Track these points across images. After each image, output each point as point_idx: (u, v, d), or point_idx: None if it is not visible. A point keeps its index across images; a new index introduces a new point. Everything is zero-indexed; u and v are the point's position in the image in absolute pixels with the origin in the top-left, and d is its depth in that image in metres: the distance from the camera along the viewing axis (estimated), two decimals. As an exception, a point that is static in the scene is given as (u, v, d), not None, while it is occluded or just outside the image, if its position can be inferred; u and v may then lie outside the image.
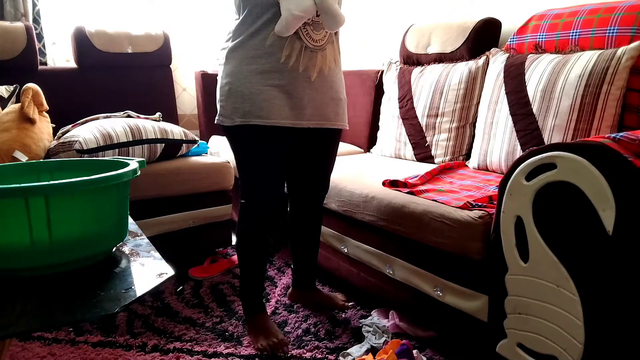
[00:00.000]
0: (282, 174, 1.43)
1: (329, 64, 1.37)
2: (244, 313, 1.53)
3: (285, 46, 1.28)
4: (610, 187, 0.85)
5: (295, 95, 1.33)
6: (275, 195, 1.43)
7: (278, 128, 1.33)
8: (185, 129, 2.23)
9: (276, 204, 1.44)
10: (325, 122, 1.42)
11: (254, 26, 1.29)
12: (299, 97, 1.33)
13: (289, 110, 1.33)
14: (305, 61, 1.31)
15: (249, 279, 1.49)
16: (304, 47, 1.30)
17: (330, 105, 1.41)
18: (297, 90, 1.33)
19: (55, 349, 1.42)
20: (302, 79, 1.32)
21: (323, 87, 1.37)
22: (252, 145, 1.35)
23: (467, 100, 1.86)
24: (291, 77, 1.31)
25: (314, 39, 1.30)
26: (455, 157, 1.89)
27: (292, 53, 1.29)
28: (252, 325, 1.49)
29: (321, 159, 1.54)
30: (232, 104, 1.32)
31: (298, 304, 1.72)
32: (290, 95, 1.32)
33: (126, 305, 0.67)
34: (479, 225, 1.18)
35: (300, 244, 1.67)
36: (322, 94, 1.38)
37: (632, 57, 1.37)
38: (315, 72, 1.34)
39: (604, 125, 1.39)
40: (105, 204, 0.80)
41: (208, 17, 3.01)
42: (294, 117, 1.34)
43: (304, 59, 1.31)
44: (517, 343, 1.06)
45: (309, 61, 1.32)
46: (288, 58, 1.29)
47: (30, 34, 2.23)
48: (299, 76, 1.32)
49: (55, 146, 1.77)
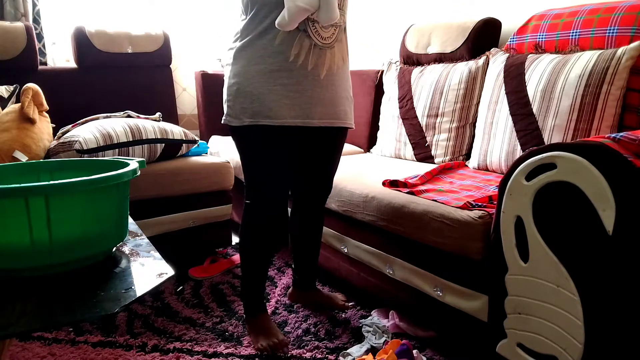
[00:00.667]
0: (291, 174, 1.43)
1: (338, 62, 1.36)
2: (244, 313, 1.53)
3: (295, 44, 1.27)
4: (610, 187, 0.85)
5: (305, 94, 1.32)
6: (283, 195, 1.43)
7: (287, 128, 1.32)
8: (185, 129, 2.23)
9: (283, 204, 1.44)
10: (335, 121, 1.41)
11: (262, 25, 1.28)
12: (308, 95, 1.32)
13: (299, 109, 1.32)
14: (314, 59, 1.30)
15: (251, 279, 1.49)
16: (313, 45, 1.29)
17: (339, 104, 1.40)
18: (306, 89, 1.32)
19: (55, 349, 1.42)
20: (311, 78, 1.32)
21: (332, 85, 1.36)
22: (261, 146, 1.34)
23: (467, 100, 1.86)
24: (300, 76, 1.30)
25: (323, 37, 1.30)
26: (455, 157, 1.89)
27: (301, 51, 1.28)
28: (253, 326, 1.49)
29: (327, 159, 1.53)
30: (241, 104, 1.31)
31: (298, 304, 1.72)
32: (300, 94, 1.31)
33: (126, 305, 0.67)
34: (479, 225, 1.18)
35: (301, 244, 1.67)
36: (332, 92, 1.37)
37: (632, 57, 1.37)
38: (325, 70, 1.33)
39: (604, 125, 1.39)
40: (105, 204, 0.80)
41: (208, 17, 3.01)
42: (304, 117, 1.33)
43: (313, 57, 1.30)
44: (517, 343, 1.06)
45: (318, 59, 1.31)
46: (297, 56, 1.28)
47: (30, 34, 2.23)
48: (308, 74, 1.31)
49: (55, 146, 1.77)
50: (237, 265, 2.08)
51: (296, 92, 1.31)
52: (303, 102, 1.32)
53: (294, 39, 1.27)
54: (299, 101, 1.31)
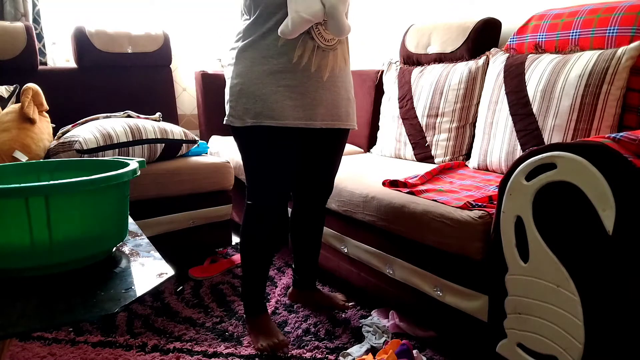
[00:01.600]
0: (293, 175, 1.43)
1: (340, 64, 1.37)
2: (245, 313, 1.53)
3: (298, 46, 1.28)
4: (610, 187, 0.85)
5: (308, 95, 1.32)
6: (284, 195, 1.43)
7: (290, 129, 1.32)
8: (185, 129, 2.23)
9: (284, 204, 1.44)
10: (337, 122, 1.41)
11: (265, 26, 1.28)
12: (311, 97, 1.33)
13: (302, 110, 1.32)
14: (317, 61, 1.31)
15: (251, 279, 1.49)
16: (316, 47, 1.29)
17: (341, 105, 1.41)
18: (309, 91, 1.32)
19: (55, 349, 1.42)
20: (314, 79, 1.32)
21: (334, 86, 1.37)
22: (264, 146, 1.35)
23: (467, 100, 1.86)
24: (303, 77, 1.31)
25: (326, 39, 1.30)
26: (455, 157, 1.89)
27: (305, 53, 1.29)
28: (253, 325, 1.49)
29: (329, 159, 1.54)
30: (243, 105, 1.31)
31: (298, 304, 1.72)
32: (303, 95, 1.32)
33: (126, 305, 0.67)
34: (478, 225, 1.18)
35: (302, 244, 1.67)
36: (334, 93, 1.37)
37: (632, 57, 1.37)
38: (328, 71, 1.33)
39: (604, 125, 1.39)
40: (105, 204, 0.80)
41: (208, 17, 3.01)
42: (307, 118, 1.34)
43: (316, 58, 1.30)
44: (517, 343, 1.06)
45: (321, 60, 1.31)
46: (300, 58, 1.29)
47: (30, 34, 2.23)
48: (311, 76, 1.31)
49: (55, 146, 1.77)
50: (237, 265, 2.08)
51: (299, 93, 1.31)
52: (306, 103, 1.32)
53: (298, 40, 1.27)
54: (302, 102, 1.32)
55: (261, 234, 1.44)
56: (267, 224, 1.43)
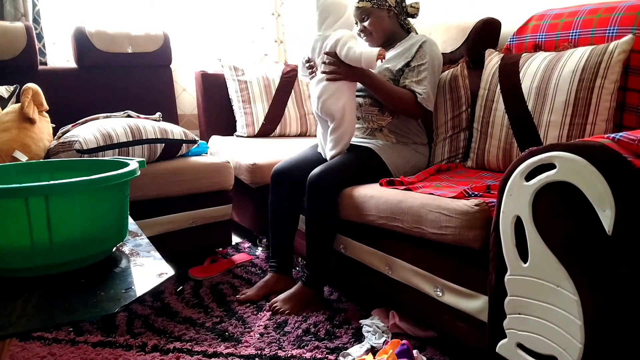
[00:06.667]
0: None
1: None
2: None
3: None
4: (610, 187, 0.85)
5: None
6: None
7: None
8: (185, 129, 2.22)
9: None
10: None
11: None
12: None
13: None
14: None
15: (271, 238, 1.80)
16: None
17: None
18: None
19: (55, 349, 1.42)
20: None
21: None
22: None
23: (456, 110, 1.84)
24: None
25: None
26: (452, 159, 1.88)
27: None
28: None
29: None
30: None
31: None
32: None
33: (126, 305, 0.67)
34: (476, 212, 1.19)
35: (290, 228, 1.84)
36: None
37: (625, 51, 1.36)
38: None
39: (599, 119, 1.39)
40: (105, 204, 0.80)
41: (208, 17, 3.01)
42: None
43: None
44: (517, 343, 1.06)
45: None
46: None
47: (30, 34, 2.23)
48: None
49: (55, 146, 1.77)
50: (237, 265, 2.08)
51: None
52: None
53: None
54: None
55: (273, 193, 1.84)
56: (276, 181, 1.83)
